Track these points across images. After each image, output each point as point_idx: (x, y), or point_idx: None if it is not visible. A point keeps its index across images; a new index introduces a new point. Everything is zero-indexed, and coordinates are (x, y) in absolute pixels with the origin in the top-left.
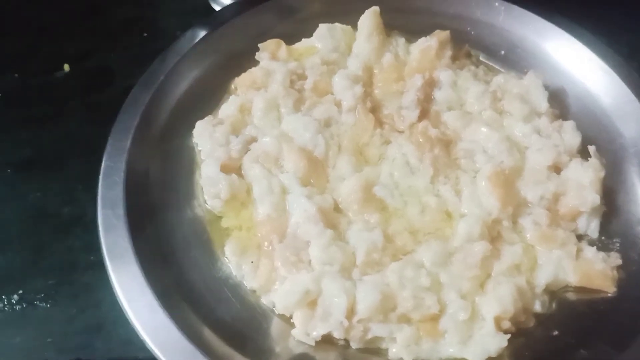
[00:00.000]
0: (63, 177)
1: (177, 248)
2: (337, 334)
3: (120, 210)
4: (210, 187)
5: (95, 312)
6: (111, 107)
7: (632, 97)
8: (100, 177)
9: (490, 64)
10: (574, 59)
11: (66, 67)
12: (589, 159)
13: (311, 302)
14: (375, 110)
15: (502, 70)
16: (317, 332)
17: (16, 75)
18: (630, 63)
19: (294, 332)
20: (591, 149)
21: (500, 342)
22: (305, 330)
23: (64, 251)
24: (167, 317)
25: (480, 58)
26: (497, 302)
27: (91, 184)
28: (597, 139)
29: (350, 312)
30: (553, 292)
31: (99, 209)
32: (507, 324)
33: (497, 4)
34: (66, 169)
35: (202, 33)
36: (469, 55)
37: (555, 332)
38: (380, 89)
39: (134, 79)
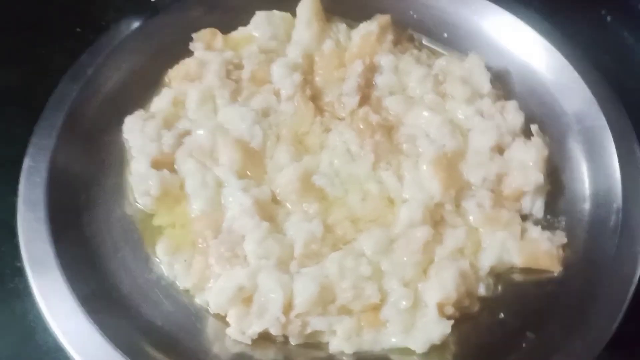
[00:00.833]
0: None
1: (104, 250)
2: (275, 331)
3: (41, 213)
4: (140, 184)
5: (23, 321)
6: (42, 105)
7: (575, 74)
8: (21, 178)
9: (433, 47)
10: (517, 39)
11: None
12: (531, 138)
13: (246, 298)
14: (315, 98)
15: (445, 53)
16: (253, 330)
17: None
18: (573, 41)
19: (228, 331)
20: (533, 127)
21: (443, 328)
22: (240, 329)
23: None
24: (90, 323)
25: (423, 41)
26: (440, 287)
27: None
28: (541, 118)
29: (288, 307)
30: (498, 275)
31: (19, 213)
32: (450, 310)
33: None
34: None
35: (134, 24)
36: (411, 39)
37: (502, 316)
38: (320, 76)
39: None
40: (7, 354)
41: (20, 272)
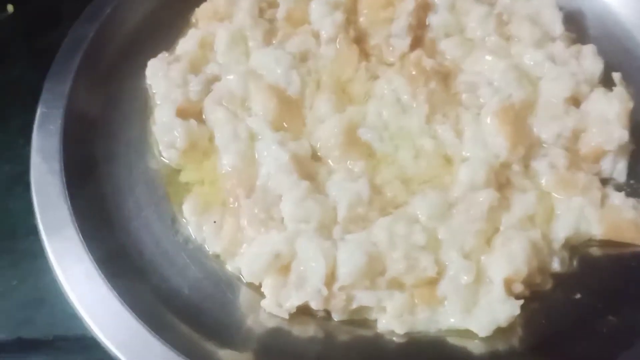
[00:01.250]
0: (2, 130)
1: (125, 208)
2: (315, 305)
3: (56, 165)
4: (164, 136)
5: (37, 283)
6: (55, 49)
7: None
8: (35, 126)
9: None
10: None
11: (10, 7)
12: (613, 88)
13: (283, 267)
14: (359, 40)
15: None
16: (291, 303)
17: None
18: None
19: (263, 303)
20: (616, 76)
21: (511, 309)
22: (276, 301)
23: (3, 214)
24: (108, 288)
25: None
26: (507, 261)
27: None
28: (622, 66)
29: (330, 278)
30: (574, 248)
31: (32, 165)
32: (519, 287)
33: None
34: (6, 121)
35: None
36: None
37: (578, 295)
38: (365, 16)
39: None
40: (19, 318)
41: (34, 231)
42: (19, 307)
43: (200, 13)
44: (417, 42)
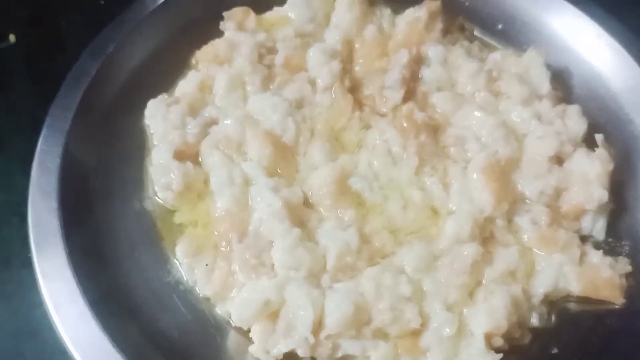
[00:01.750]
0: (1, 158)
1: (119, 247)
2: (302, 352)
3: (54, 203)
4: (161, 177)
5: (28, 315)
6: (60, 79)
7: None
8: (34, 163)
9: (486, 39)
10: (580, 35)
11: (12, 37)
12: (595, 149)
13: (272, 313)
14: (354, 90)
15: (499, 46)
16: (279, 350)
17: None
18: None
19: (251, 348)
20: (598, 137)
21: None
22: (264, 347)
23: None
24: (100, 329)
25: (475, 32)
26: (489, 315)
27: (31, 167)
28: (605, 127)
29: (318, 326)
30: (552, 303)
31: (30, 200)
32: (499, 341)
33: None
34: (5, 150)
35: None
36: (462, 29)
37: (555, 350)
38: (361, 65)
39: None
40: (9, 350)
41: (28, 263)
42: (10, 339)
43: (200, 55)
44: (409, 95)
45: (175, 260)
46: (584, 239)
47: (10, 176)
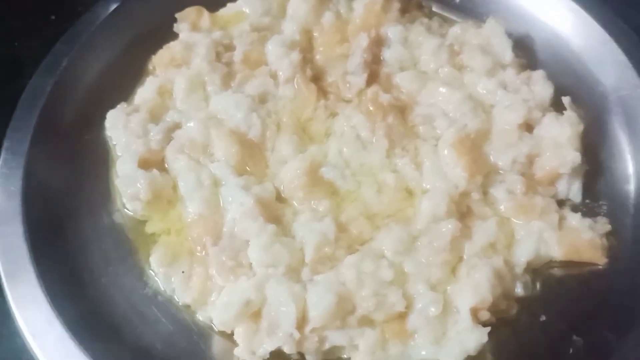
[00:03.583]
0: None
1: (92, 264)
2: (288, 349)
3: (19, 227)
4: (127, 188)
5: (6, 348)
6: (15, 103)
7: (608, 37)
8: None
9: (445, 14)
10: (539, 0)
11: None
12: (564, 112)
13: (254, 313)
14: (317, 79)
15: (459, 20)
16: (265, 349)
17: None
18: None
19: (237, 351)
20: (565, 100)
21: (479, 336)
22: (250, 348)
23: None
24: (81, 351)
25: (434, 9)
26: (473, 290)
27: None
28: (572, 89)
29: (302, 321)
30: (536, 271)
31: None
32: (485, 315)
33: None
34: None
35: (111, 7)
36: (420, 7)
37: (543, 318)
38: (321, 54)
39: None
40: None
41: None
42: None
43: (157, 60)
44: (372, 78)
45: (150, 270)
46: (561, 203)
47: None
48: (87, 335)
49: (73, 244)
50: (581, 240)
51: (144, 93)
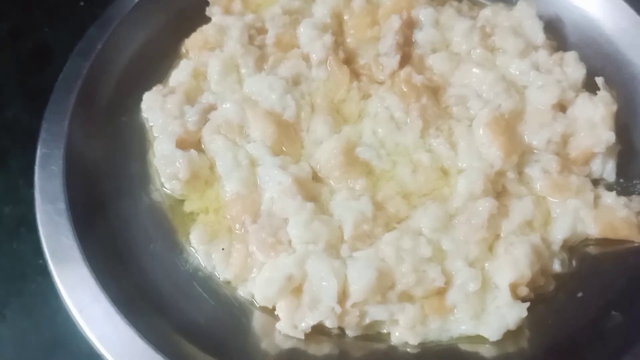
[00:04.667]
0: (2, 172)
1: (133, 242)
2: (330, 323)
3: (62, 205)
4: (166, 167)
5: (51, 325)
6: (50, 88)
7: (638, 19)
8: (36, 167)
9: None
10: None
11: None
12: (597, 92)
13: (296, 288)
14: (349, 61)
15: (488, 2)
16: (306, 323)
17: None
18: None
19: (279, 325)
20: (599, 80)
21: (519, 312)
22: (292, 323)
23: (9, 256)
24: (128, 326)
25: None
26: (511, 266)
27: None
28: (603, 70)
29: (343, 296)
30: (572, 248)
31: (37, 206)
32: (524, 290)
33: None
34: (5, 163)
35: None
36: None
37: (580, 294)
38: (352, 36)
39: None
40: None
41: (43, 271)
42: (35, 352)
43: (190, 43)
44: (405, 59)
45: (191, 248)
46: (595, 182)
47: (14, 189)
48: (132, 310)
49: (114, 222)
50: (617, 218)
51: (179, 75)
